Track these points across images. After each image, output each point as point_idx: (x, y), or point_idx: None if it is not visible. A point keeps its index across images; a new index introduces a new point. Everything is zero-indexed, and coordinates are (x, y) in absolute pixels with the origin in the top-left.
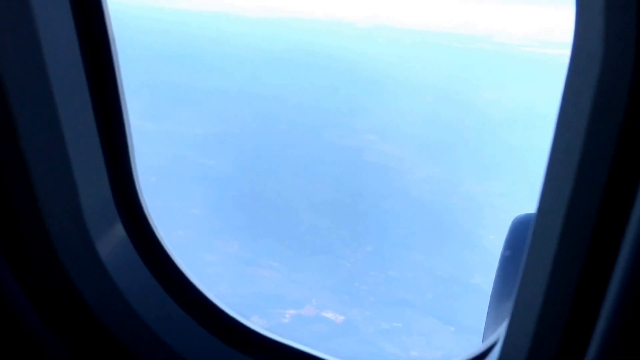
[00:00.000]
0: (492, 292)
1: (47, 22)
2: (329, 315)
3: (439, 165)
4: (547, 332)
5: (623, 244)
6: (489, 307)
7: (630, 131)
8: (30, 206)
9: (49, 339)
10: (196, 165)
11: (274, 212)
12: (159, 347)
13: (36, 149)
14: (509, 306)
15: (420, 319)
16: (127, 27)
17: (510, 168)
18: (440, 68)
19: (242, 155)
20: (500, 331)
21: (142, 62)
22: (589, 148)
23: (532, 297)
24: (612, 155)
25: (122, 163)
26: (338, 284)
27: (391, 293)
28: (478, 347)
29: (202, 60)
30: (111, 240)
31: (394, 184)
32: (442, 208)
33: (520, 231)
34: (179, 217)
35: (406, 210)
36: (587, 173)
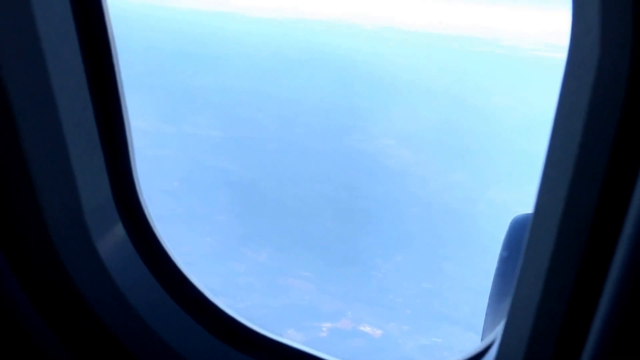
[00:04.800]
0: (491, 291)
1: (47, 22)
2: (367, 329)
3: (459, 171)
4: (543, 332)
5: (619, 244)
6: (488, 306)
7: (626, 132)
8: (30, 206)
9: (48, 338)
10: (217, 169)
11: (298, 219)
12: (158, 346)
13: (37, 148)
14: (506, 306)
15: (460, 334)
16: (134, 27)
17: (530, 175)
18: (451, 71)
19: (262, 159)
20: (498, 331)
21: (153, 63)
22: (585, 149)
23: (528, 296)
24: (609, 156)
25: (122, 163)
26: (371, 296)
27: (427, 306)
28: (476, 347)
29: (209, 60)
30: (111, 240)
31: (417, 191)
32: (468, 216)
33: (518, 231)
34: (204, 224)
35: (432, 218)
36: (584, 174)
